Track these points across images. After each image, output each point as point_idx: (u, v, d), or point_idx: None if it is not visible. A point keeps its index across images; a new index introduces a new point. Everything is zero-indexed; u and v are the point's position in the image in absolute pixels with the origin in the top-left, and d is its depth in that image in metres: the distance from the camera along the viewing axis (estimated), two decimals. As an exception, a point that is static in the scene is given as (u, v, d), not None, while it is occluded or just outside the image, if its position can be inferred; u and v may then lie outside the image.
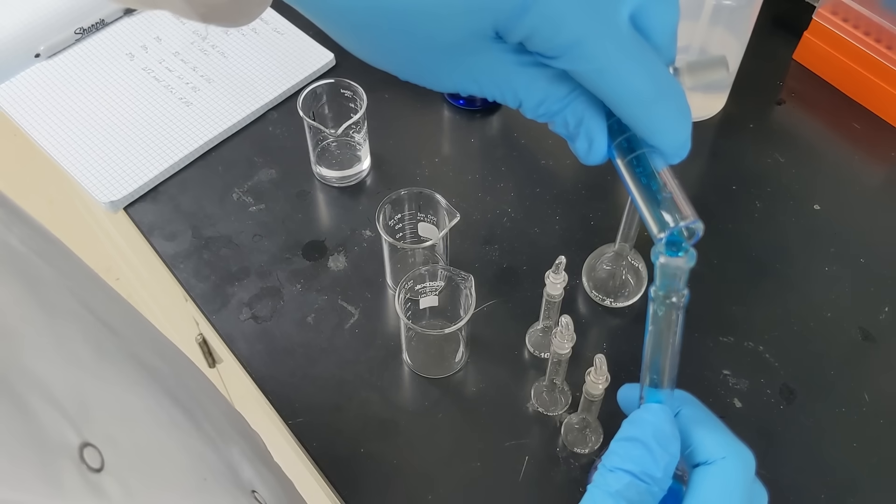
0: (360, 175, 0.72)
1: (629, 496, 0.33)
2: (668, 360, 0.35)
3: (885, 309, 0.64)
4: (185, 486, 0.34)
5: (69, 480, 0.26)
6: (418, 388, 0.61)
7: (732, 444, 0.35)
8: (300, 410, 0.59)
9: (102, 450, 0.29)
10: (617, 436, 0.35)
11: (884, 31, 0.72)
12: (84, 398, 0.30)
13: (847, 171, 0.74)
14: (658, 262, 0.33)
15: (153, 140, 0.73)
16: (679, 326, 0.34)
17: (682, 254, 0.32)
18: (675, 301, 0.33)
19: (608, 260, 0.63)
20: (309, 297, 0.65)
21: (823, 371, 0.61)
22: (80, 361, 0.32)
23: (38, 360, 0.29)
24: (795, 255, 0.67)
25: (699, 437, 0.35)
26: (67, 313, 0.33)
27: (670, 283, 0.33)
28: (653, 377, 0.36)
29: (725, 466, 0.34)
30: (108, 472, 0.28)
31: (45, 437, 0.26)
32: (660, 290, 0.33)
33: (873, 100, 0.76)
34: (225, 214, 0.70)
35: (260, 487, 0.42)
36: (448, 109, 0.77)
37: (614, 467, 0.33)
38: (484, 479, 0.57)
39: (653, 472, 0.33)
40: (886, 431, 0.59)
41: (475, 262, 0.66)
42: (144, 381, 0.36)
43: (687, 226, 0.31)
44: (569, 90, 0.34)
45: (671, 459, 0.34)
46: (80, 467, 0.27)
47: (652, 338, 0.35)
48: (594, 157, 0.35)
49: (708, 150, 0.75)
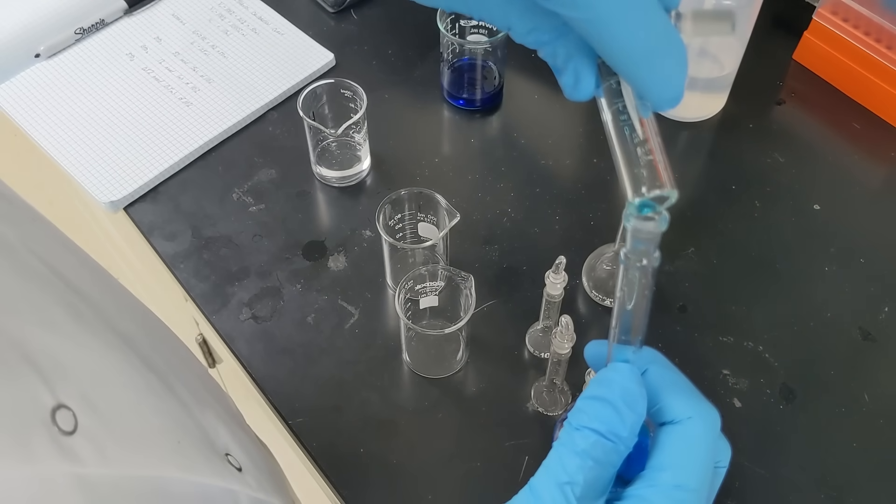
0: (360, 175, 0.72)
1: (595, 455, 0.33)
2: (638, 321, 0.35)
3: (885, 309, 0.64)
4: (159, 448, 0.34)
5: (38, 440, 0.26)
6: (418, 388, 0.61)
7: (698, 403, 0.35)
8: (300, 410, 0.60)
9: (77, 411, 0.29)
10: (584, 394, 0.35)
11: (884, 31, 0.72)
12: (59, 360, 0.30)
13: (847, 171, 0.74)
14: (629, 225, 0.32)
15: (153, 140, 0.73)
16: (649, 289, 0.34)
17: (655, 216, 0.31)
18: (646, 264, 0.33)
19: (608, 260, 0.64)
20: (309, 297, 0.65)
21: (823, 371, 0.61)
22: (55, 324, 0.31)
23: (13, 320, 0.29)
24: (795, 255, 0.67)
25: (666, 397, 0.35)
26: (37, 276, 0.33)
27: (642, 245, 0.32)
28: (622, 337, 0.36)
29: (690, 426, 0.35)
30: (80, 434, 0.28)
31: (19, 398, 0.26)
32: (630, 254, 0.33)
33: (873, 100, 0.76)
34: (225, 214, 0.70)
35: (234, 450, 0.42)
36: (448, 109, 0.77)
37: (581, 426, 0.33)
38: (484, 479, 0.57)
39: (619, 431, 0.33)
40: (886, 431, 0.59)
41: (475, 262, 0.66)
42: (118, 345, 0.36)
43: (661, 195, 0.31)
44: (562, 22, 0.32)
45: (637, 419, 0.34)
46: (52, 430, 0.27)
47: (622, 298, 0.34)
48: (579, 94, 0.34)
49: (708, 150, 0.75)
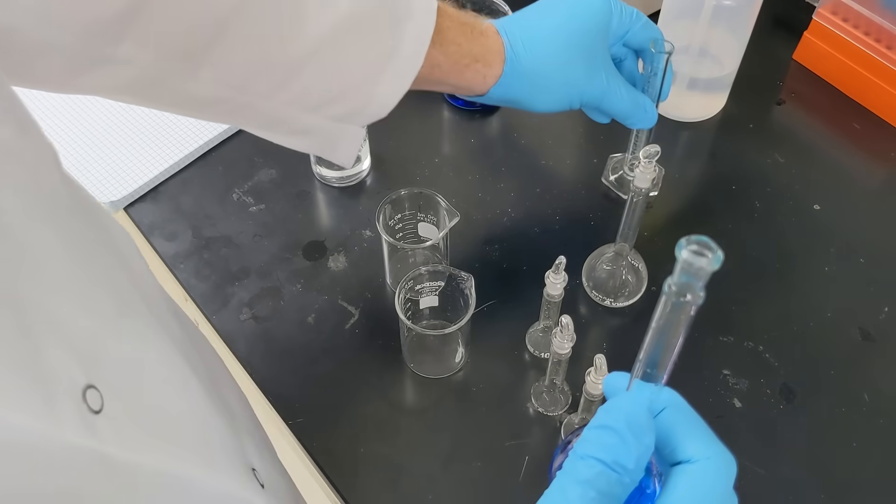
0: (360, 175, 0.72)
1: (599, 485, 0.32)
2: (667, 357, 0.33)
3: (885, 309, 0.64)
4: (184, 444, 0.35)
5: (68, 414, 0.27)
6: (418, 388, 0.61)
7: (716, 446, 0.34)
8: (300, 410, 0.59)
9: (104, 394, 0.29)
10: (590, 423, 0.34)
11: (884, 31, 0.72)
12: (97, 345, 0.31)
13: (847, 171, 0.74)
14: (680, 256, 0.30)
15: (153, 140, 0.73)
16: (686, 326, 0.32)
17: (708, 252, 0.29)
18: (689, 299, 0.30)
19: (608, 260, 0.63)
20: (309, 297, 0.65)
21: (823, 371, 0.61)
22: (99, 312, 0.32)
23: (58, 300, 0.30)
24: (795, 255, 0.67)
25: (682, 436, 0.34)
26: (91, 264, 0.34)
27: (688, 279, 0.30)
28: (647, 371, 0.34)
29: (707, 466, 0.33)
30: (105, 416, 0.29)
31: (55, 370, 0.27)
32: (675, 286, 0.30)
33: (873, 100, 0.76)
34: (225, 214, 0.70)
35: (260, 468, 0.43)
36: (448, 110, 0.77)
37: (586, 455, 0.32)
38: (484, 479, 0.57)
39: (625, 461, 0.32)
40: (886, 431, 0.59)
41: (475, 262, 0.66)
42: (160, 337, 0.37)
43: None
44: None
45: (644, 451, 0.33)
46: (81, 406, 0.28)
47: (655, 332, 0.33)
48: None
49: (708, 150, 0.75)
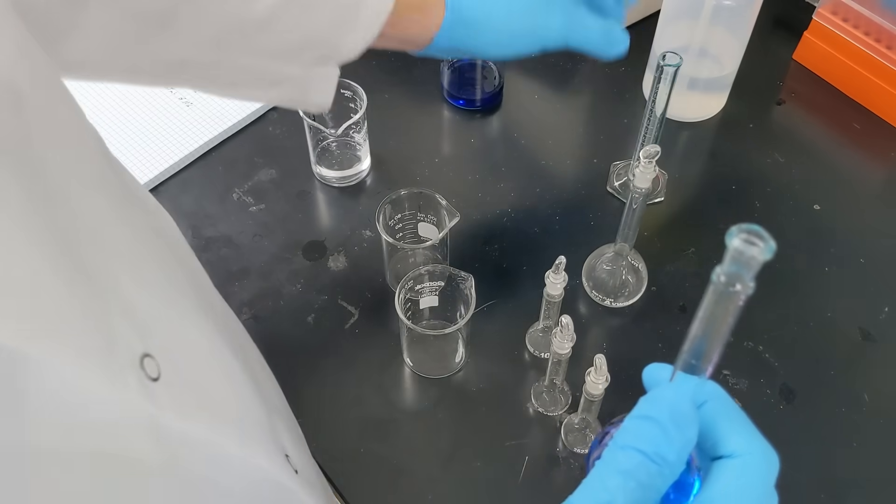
0: (360, 175, 0.72)
1: (639, 477, 0.30)
2: (713, 348, 0.32)
3: (885, 309, 0.64)
4: (226, 418, 0.35)
5: (131, 380, 0.27)
6: (418, 388, 0.61)
7: (760, 442, 0.33)
8: (300, 410, 0.59)
9: (161, 363, 0.30)
10: (632, 412, 0.33)
11: (884, 31, 0.72)
12: (150, 315, 0.31)
13: (847, 171, 0.74)
14: (731, 244, 0.29)
15: (153, 140, 0.73)
16: (734, 317, 0.31)
17: (760, 241, 0.29)
18: (738, 290, 0.30)
19: (608, 260, 0.63)
20: (309, 297, 0.65)
21: (823, 371, 0.61)
22: (150, 283, 0.34)
23: (116, 266, 0.31)
24: (795, 255, 0.67)
25: (725, 430, 0.33)
26: (142, 234, 0.35)
27: (738, 269, 0.29)
28: (691, 362, 0.32)
29: (750, 461, 0.32)
30: (163, 384, 0.29)
31: (118, 336, 0.28)
32: (724, 275, 0.29)
33: (873, 100, 0.76)
34: (225, 214, 0.70)
35: (293, 456, 0.43)
36: (448, 109, 0.77)
37: (626, 445, 0.31)
38: (484, 479, 0.57)
39: (666, 453, 0.31)
40: (886, 431, 0.58)
41: (475, 262, 0.66)
42: (204, 315, 0.38)
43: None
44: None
45: (686, 443, 0.31)
46: (140, 373, 0.28)
47: (701, 323, 0.31)
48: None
49: (708, 150, 0.75)
